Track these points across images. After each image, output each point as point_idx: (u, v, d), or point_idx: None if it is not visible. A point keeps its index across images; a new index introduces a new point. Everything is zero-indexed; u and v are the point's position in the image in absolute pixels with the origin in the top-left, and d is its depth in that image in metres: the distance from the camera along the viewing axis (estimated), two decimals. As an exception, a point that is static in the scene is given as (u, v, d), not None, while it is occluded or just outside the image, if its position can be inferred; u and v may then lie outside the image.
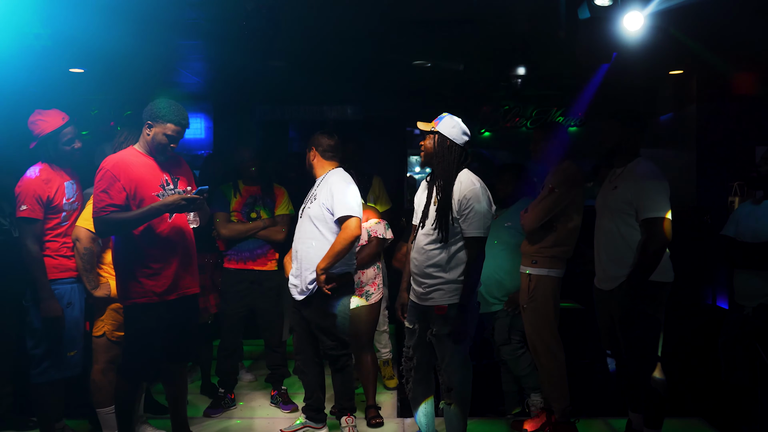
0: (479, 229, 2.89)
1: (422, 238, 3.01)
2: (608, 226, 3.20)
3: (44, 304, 3.17)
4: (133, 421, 3.20)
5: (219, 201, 4.01)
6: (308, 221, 3.37)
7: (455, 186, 2.93)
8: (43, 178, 3.24)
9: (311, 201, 3.41)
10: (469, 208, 2.88)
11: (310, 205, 3.40)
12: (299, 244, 3.41)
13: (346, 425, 3.50)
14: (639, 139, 3.21)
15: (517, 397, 3.94)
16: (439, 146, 2.98)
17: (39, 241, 3.21)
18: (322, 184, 3.42)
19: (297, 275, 3.41)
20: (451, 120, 3.00)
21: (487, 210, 2.92)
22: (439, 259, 2.95)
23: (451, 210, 2.91)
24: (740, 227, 3.47)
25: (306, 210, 3.42)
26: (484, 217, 2.90)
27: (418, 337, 3.10)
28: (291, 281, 3.47)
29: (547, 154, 3.54)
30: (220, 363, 4.11)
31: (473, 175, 2.98)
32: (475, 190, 2.90)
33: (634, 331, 3.10)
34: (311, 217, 3.36)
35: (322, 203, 3.34)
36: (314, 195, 3.42)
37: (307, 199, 3.47)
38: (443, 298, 2.94)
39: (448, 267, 2.94)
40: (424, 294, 3.00)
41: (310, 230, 3.36)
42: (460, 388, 3.00)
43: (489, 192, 2.98)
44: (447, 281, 2.94)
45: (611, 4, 3.41)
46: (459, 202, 2.90)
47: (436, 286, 2.96)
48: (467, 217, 2.89)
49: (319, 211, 3.34)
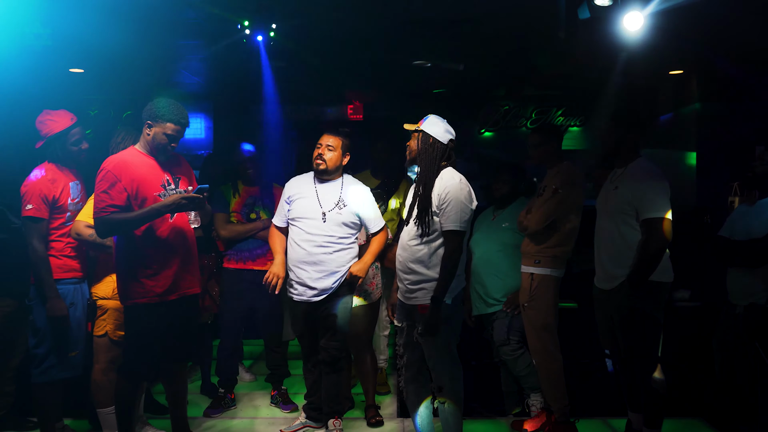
0: (456, 223, 2.89)
1: (406, 235, 3.05)
2: (608, 226, 3.20)
3: (50, 303, 3.18)
4: (133, 421, 3.20)
5: (218, 201, 4.00)
6: (339, 226, 3.40)
7: (436, 182, 2.96)
8: (49, 177, 3.24)
9: (341, 206, 3.41)
10: (447, 202, 2.90)
11: (340, 211, 3.40)
12: (327, 246, 3.39)
13: (333, 428, 3.49)
14: (639, 139, 3.21)
15: (517, 397, 3.94)
16: (422, 144, 3.01)
17: (44, 240, 3.21)
18: (347, 190, 3.47)
19: (318, 278, 3.39)
20: (435, 119, 3.05)
21: (466, 204, 2.92)
22: (421, 254, 2.96)
23: (431, 204, 2.93)
24: (735, 227, 3.47)
25: (334, 214, 3.40)
26: (462, 211, 2.90)
27: (407, 336, 3.11)
28: (307, 284, 3.42)
29: (545, 157, 3.54)
30: (220, 363, 4.10)
31: (456, 172, 3.00)
32: (454, 184, 2.92)
33: (634, 331, 3.10)
34: (344, 223, 3.41)
35: (356, 213, 3.44)
36: (342, 200, 3.43)
37: (328, 202, 3.43)
38: (426, 297, 2.94)
39: (430, 263, 2.94)
40: (409, 292, 3.02)
41: (340, 233, 3.41)
42: (450, 386, 3.00)
43: (471, 188, 2.99)
44: (429, 279, 2.94)
45: (611, 4, 3.41)
46: (438, 196, 2.92)
47: (419, 284, 2.97)
48: (445, 211, 2.90)
49: (351, 219, 3.43)
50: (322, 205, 3.42)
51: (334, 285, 3.40)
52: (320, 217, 3.40)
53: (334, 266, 3.40)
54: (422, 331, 2.95)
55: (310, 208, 3.42)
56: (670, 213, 3.03)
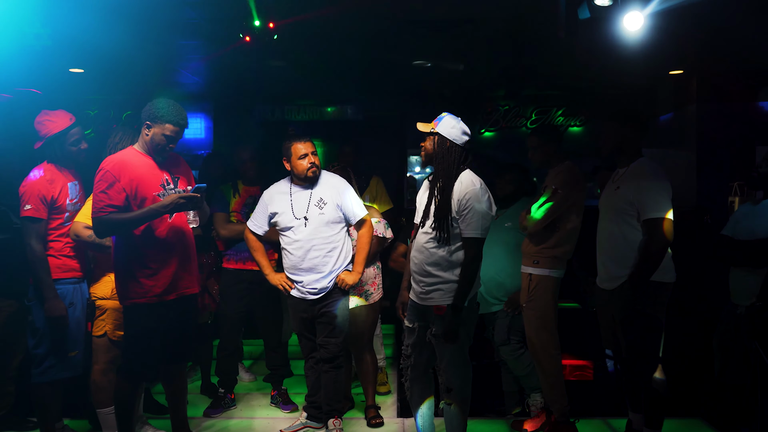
0: (477, 230, 2.88)
1: (422, 237, 3.01)
2: (610, 226, 3.19)
3: (49, 304, 3.18)
4: (133, 421, 3.20)
5: (218, 201, 4.01)
6: (325, 226, 3.40)
7: (455, 186, 2.92)
8: (48, 178, 3.24)
9: (321, 205, 3.40)
10: (468, 209, 2.87)
11: (322, 210, 3.39)
12: (319, 250, 3.39)
13: (333, 427, 3.49)
14: (640, 139, 3.21)
15: (517, 397, 3.94)
16: (438, 147, 2.96)
17: (43, 240, 3.21)
18: (324, 187, 3.45)
19: (314, 280, 3.40)
20: (451, 120, 2.98)
21: (486, 211, 2.91)
22: (438, 257, 2.94)
23: (451, 210, 2.91)
24: (738, 227, 3.47)
25: (318, 215, 3.39)
26: (483, 218, 2.89)
27: (417, 336, 3.09)
28: (304, 286, 3.43)
29: (546, 158, 3.53)
30: (220, 363, 4.11)
31: (474, 175, 2.97)
32: (475, 190, 2.89)
33: (635, 331, 3.10)
34: (329, 222, 3.41)
35: (338, 205, 3.42)
36: (321, 199, 3.42)
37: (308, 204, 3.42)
38: (443, 298, 2.93)
39: (448, 266, 2.93)
40: (424, 293, 3.00)
41: (328, 233, 3.41)
42: (460, 388, 3.00)
43: (490, 193, 2.97)
44: (446, 281, 2.93)
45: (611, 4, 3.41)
46: (458, 202, 2.89)
47: (435, 286, 2.95)
48: (465, 218, 2.88)
49: (335, 215, 3.42)
50: (303, 210, 3.42)
51: (329, 284, 3.42)
52: (303, 222, 3.40)
53: (330, 267, 3.41)
54: (440, 337, 2.93)
55: (292, 216, 3.43)
56: (672, 213, 3.03)
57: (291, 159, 3.42)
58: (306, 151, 3.40)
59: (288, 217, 3.43)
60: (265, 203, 3.51)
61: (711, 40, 4.55)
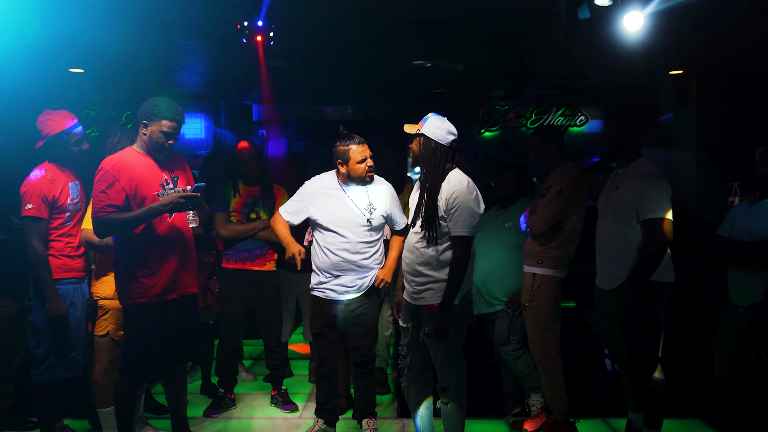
0: (465, 228, 2.89)
1: (413, 237, 3.03)
2: (609, 226, 3.19)
3: (50, 304, 3.18)
4: (133, 421, 3.20)
5: (219, 201, 4.01)
6: (372, 229, 3.38)
7: (443, 185, 2.93)
8: (49, 177, 3.24)
9: (371, 210, 3.37)
10: (456, 207, 2.88)
11: (372, 215, 3.36)
12: (363, 252, 3.37)
13: (367, 428, 3.49)
14: (640, 139, 3.21)
15: (517, 397, 3.94)
16: (424, 148, 2.97)
17: (44, 240, 3.22)
18: (375, 192, 3.42)
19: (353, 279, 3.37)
20: (436, 120, 2.98)
21: (474, 209, 2.91)
22: (428, 257, 2.95)
23: (438, 209, 2.91)
24: (735, 227, 3.45)
25: (368, 219, 3.35)
26: (471, 216, 2.89)
27: (412, 336, 3.11)
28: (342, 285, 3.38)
29: (547, 159, 3.53)
30: (220, 363, 4.11)
31: (463, 174, 2.97)
32: (462, 189, 2.89)
33: (635, 331, 3.10)
34: (376, 226, 3.39)
35: (386, 211, 3.41)
36: (371, 204, 3.38)
37: (358, 206, 3.37)
38: (434, 298, 2.94)
39: (438, 265, 2.94)
40: (416, 293, 3.01)
41: (374, 237, 3.41)
42: (456, 387, 3.00)
43: (478, 191, 2.97)
44: (437, 280, 2.94)
45: (611, 4, 3.41)
46: (446, 201, 2.90)
47: (426, 285, 2.97)
48: (453, 216, 2.89)
49: (382, 220, 3.41)
50: (353, 212, 3.36)
51: (369, 284, 3.39)
52: (360, 224, 3.35)
53: (369, 268, 3.39)
54: (431, 334, 2.94)
55: (347, 216, 3.35)
56: (671, 213, 3.03)
57: (348, 162, 3.34)
58: (365, 155, 3.35)
59: (334, 217, 3.35)
60: (306, 197, 3.42)
61: (711, 40, 4.55)
